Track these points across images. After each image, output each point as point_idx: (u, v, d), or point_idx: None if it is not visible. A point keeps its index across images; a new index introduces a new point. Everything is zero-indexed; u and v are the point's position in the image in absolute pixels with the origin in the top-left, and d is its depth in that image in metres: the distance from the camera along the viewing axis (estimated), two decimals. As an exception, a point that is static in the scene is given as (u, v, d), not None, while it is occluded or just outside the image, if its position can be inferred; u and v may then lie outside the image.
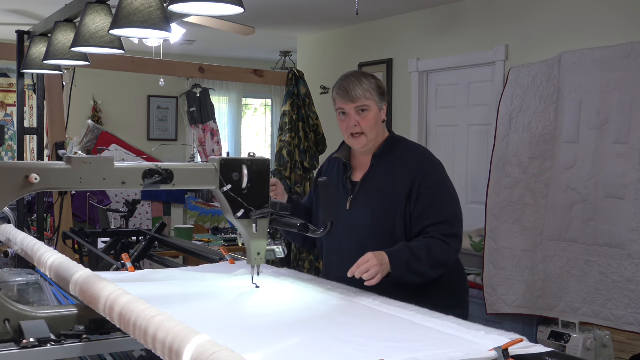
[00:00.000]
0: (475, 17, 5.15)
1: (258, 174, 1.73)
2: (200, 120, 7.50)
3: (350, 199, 2.22)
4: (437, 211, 2.13)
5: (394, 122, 5.81)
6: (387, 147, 2.24)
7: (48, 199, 3.72)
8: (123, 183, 1.60)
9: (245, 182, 1.71)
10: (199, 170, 1.72)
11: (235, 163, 1.70)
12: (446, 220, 2.13)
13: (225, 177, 1.69)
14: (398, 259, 2.00)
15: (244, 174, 1.70)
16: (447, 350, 1.34)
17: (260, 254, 1.80)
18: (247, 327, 1.53)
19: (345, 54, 6.36)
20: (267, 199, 1.76)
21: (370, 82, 2.21)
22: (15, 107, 4.89)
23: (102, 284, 1.38)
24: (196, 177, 1.71)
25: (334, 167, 2.34)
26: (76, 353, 1.38)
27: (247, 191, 1.72)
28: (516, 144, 3.83)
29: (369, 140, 2.21)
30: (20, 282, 2.16)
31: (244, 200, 1.71)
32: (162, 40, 5.03)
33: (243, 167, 1.70)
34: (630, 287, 3.35)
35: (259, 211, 1.73)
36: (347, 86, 2.20)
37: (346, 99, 2.19)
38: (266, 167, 1.76)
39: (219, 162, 1.68)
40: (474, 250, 4.09)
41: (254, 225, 1.74)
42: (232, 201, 1.70)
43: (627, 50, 3.44)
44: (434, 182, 2.17)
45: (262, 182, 1.75)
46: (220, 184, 1.68)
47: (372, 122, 2.19)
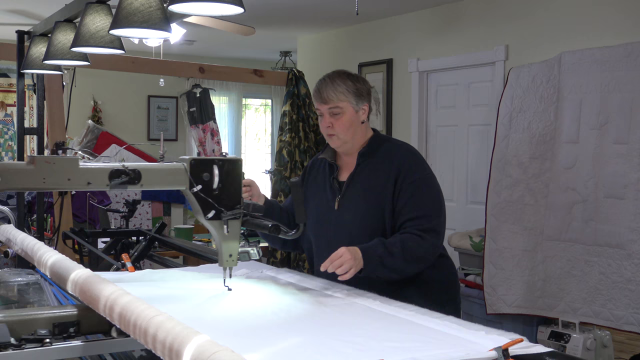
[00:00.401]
0: (475, 17, 5.15)
1: (230, 174, 1.69)
2: (200, 120, 7.50)
3: (337, 199, 2.21)
4: (416, 206, 2.12)
5: (394, 122, 5.82)
6: (371, 145, 2.23)
7: (48, 199, 3.72)
8: (88, 184, 1.56)
9: (216, 182, 1.67)
10: (168, 170, 1.67)
11: (206, 163, 1.67)
12: (424, 215, 2.11)
13: (196, 177, 1.65)
14: (371, 254, 1.99)
15: (215, 174, 1.67)
16: (447, 350, 1.34)
17: (232, 256, 1.75)
18: (247, 328, 1.53)
19: (345, 54, 6.36)
20: (239, 200, 1.73)
21: (346, 83, 2.18)
22: (15, 107, 4.89)
23: (102, 284, 1.38)
24: (165, 177, 1.66)
25: (319, 168, 2.33)
26: (76, 353, 1.38)
27: (218, 192, 1.68)
28: (516, 144, 3.83)
29: (343, 141, 2.19)
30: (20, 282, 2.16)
31: (215, 201, 1.68)
32: (162, 40, 5.03)
33: (214, 167, 1.67)
34: (630, 287, 3.35)
35: (230, 212, 1.69)
36: (320, 87, 2.19)
37: (319, 100, 2.19)
38: (238, 167, 1.72)
39: (189, 162, 1.64)
40: (474, 250, 4.09)
41: (225, 226, 1.70)
42: (202, 202, 1.67)
43: (627, 50, 3.44)
44: (416, 177, 2.15)
45: (234, 182, 1.71)
46: (190, 185, 1.64)
47: (346, 125, 2.17)
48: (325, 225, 2.24)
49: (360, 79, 2.25)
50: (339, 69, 2.30)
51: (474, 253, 4.08)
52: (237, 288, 1.94)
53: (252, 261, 2.56)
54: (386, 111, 5.85)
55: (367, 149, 2.22)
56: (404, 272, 2.07)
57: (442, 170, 5.40)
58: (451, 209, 5.21)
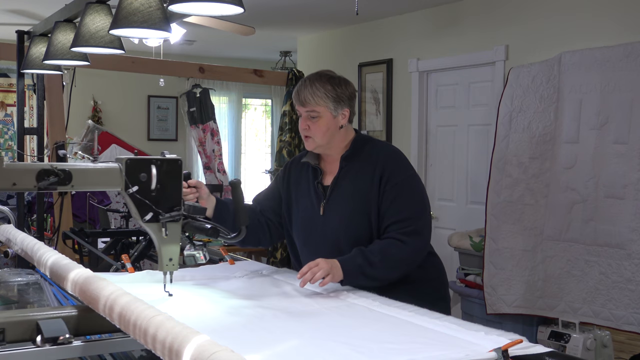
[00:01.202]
0: (475, 17, 5.14)
1: (169, 174, 1.61)
2: (200, 120, 7.50)
3: (323, 204, 2.18)
4: (399, 208, 2.10)
5: (394, 122, 5.82)
6: (354, 148, 2.20)
7: (48, 199, 3.72)
8: (14, 184, 1.50)
9: (154, 183, 1.59)
10: (102, 171, 1.60)
11: (143, 163, 1.59)
12: (407, 217, 2.09)
13: (132, 177, 1.57)
14: (350, 265, 1.99)
15: (153, 174, 1.59)
16: (446, 352, 1.34)
17: (172, 260, 1.66)
18: (246, 328, 1.53)
19: (345, 54, 6.36)
20: (179, 202, 1.64)
21: (325, 87, 2.14)
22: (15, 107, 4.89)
23: (102, 283, 1.38)
24: (99, 178, 1.60)
25: (301, 170, 2.29)
26: (76, 353, 1.38)
27: (155, 193, 1.60)
28: (516, 144, 3.83)
29: (317, 144, 2.17)
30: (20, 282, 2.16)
31: (153, 203, 1.59)
32: (162, 40, 5.03)
33: (152, 167, 1.59)
34: (630, 287, 3.35)
35: (168, 214, 1.61)
36: (298, 89, 2.17)
37: (297, 102, 2.17)
38: (178, 168, 1.63)
39: (125, 162, 1.57)
40: (474, 250, 4.09)
41: (164, 229, 1.62)
42: (139, 203, 1.59)
43: (627, 50, 3.43)
44: (399, 179, 2.13)
45: (173, 183, 1.62)
46: (126, 186, 1.57)
47: (322, 129, 2.14)
48: (311, 230, 2.22)
49: (342, 83, 2.19)
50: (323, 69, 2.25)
51: (474, 253, 4.08)
52: (237, 288, 1.94)
53: (251, 261, 2.57)
54: (386, 111, 5.85)
55: (350, 152, 2.19)
56: (387, 280, 2.06)
57: (442, 170, 5.40)
58: (451, 209, 5.22)
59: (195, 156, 8.04)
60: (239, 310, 1.68)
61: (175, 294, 1.81)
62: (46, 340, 1.34)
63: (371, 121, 5.92)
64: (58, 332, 1.35)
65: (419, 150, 5.52)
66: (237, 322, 1.58)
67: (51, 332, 1.35)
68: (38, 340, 1.34)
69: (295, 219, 2.27)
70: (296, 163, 2.34)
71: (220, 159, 7.54)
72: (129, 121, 8.00)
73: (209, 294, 1.86)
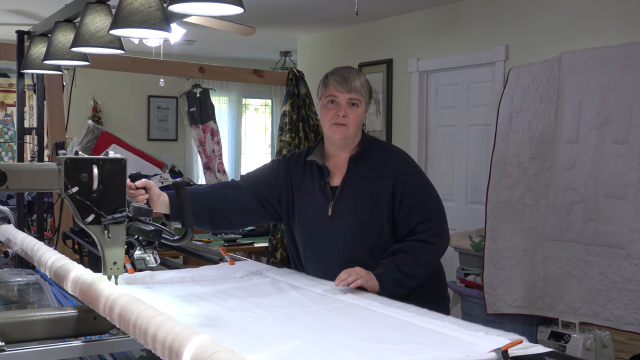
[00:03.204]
0: (475, 17, 5.15)
1: (111, 175, 1.55)
2: (200, 120, 7.50)
3: (331, 205, 2.16)
4: (423, 209, 2.15)
5: (394, 122, 5.81)
6: (363, 148, 2.20)
7: (48, 199, 3.72)
8: None
9: (95, 183, 1.53)
10: (39, 171, 1.54)
11: (84, 163, 1.53)
12: (432, 217, 2.15)
13: (72, 178, 1.51)
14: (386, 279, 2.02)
15: (94, 174, 1.53)
16: (446, 352, 1.34)
17: (117, 264, 1.58)
18: (247, 329, 1.53)
19: (345, 54, 6.36)
20: (123, 203, 1.59)
21: (365, 80, 2.21)
22: (15, 107, 4.89)
23: (102, 284, 1.38)
24: (35, 178, 1.54)
25: (305, 170, 2.25)
26: (76, 353, 1.38)
27: (97, 194, 1.54)
28: (516, 144, 3.83)
29: (350, 134, 2.16)
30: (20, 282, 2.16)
31: (94, 204, 1.54)
32: (162, 40, 5.02)
33: (93, 167, 1.53)
34: (630, 287, 3.35)
35: (110, 216, 1.55)
36: (347, 76, 2.16)
37: (344, 87, 2.14)
38: (121, 167, 1.58)
39: (64, 162, 1.51)
40: (474, 250, 4.09)
41: (106, 231, 1.56)
42: (79, 205, 1.52)
43: (627, 50, 3.43)
44: (416, 181, 2.17)
45: (117, 184, 1.56)
46: (65, 186, 1.51)
47: (358, 119, 2.16)
48: (318, 230, 2.20)
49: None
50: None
51: (474, 253, 4.08)
52: (237, 289, 1.94)
53: (251, 262, 2.57)
54: (386, 111, 5.85)
55: (358, 152, 2.19)
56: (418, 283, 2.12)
57: (442, 170, 5.40)
58: (451, 209, 5.21)
59: (195, 156, 8.04)
60: (238, 311, 1.68)
61: (175, 295, 1.81)
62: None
63: (371, 121, 5.92)
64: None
65: (419, 150, 5.52)
66: (237, 322, 1.58)
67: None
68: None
69: (300, 218, 2.23)
70: (295, 160, 2.29)
71: (220, 159, 7.54)
72: (129, 121, 8.00)
73: (208, 294, 1.86)
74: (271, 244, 4.56)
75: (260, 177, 2.33)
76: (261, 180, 2.31)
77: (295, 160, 2.29)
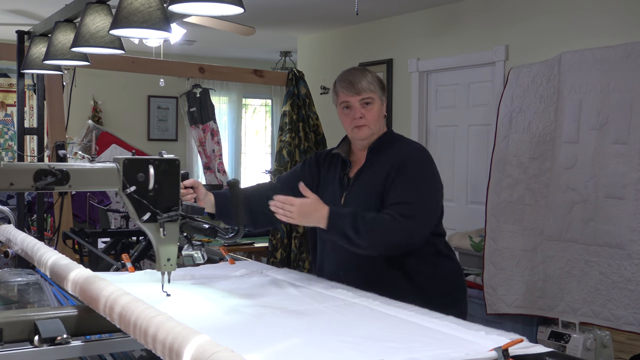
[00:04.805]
0: (475, 17, 5.15)
1: (166, 174, 1.61)
2: (200, 121, 7.50)
3: (344, 195, 2.21)
4: (401, 192, 2.10)
5: (394, 122, 5.81)
6: (381, 141, 2.23)
7: (48, 199, 3.72)
8: (11, 184, 1.50)
9: (151, 183, 1.58)
10: (99, 171, 1.59)
11: (140, 163, 1.58)
12: (406, 201, 2.09)
13: (130, 177, 1.56)
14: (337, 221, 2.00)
15: (151, 174, 1.58)
16: (447, 351, 1.34)
17: (170, 260, 1.65)
18: (247, 328, 1.53)
19: (345, 54, 6.36)
20: (177, 202, 1.64)
21: (373, 75, 2.23)
22: (15, 107, 4.89)
23: (102, 283, 1.38)
24: (96, 178, 1.59)
25: (332, 163, 2.33)
26: (76, 353, 1.38)
27: (153, 193, 1.59)
28: (516, 144, 3.83)
29: (372, 132, 2.21)
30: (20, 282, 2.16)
31: (150, 203, 1.59)
32: (162, 40, 5.03)
33: (149, 167, 1.58)
34: (630, 287, 3.35)
35: (166, 214, 1.61)
36: (352, 79, 2.19)
37: (352, 91, 2.18)
38: (175, 167, 1.63)
39: (122, 162, 1.56)
40: (474, 250, 4.09)
41: (162, 229, 1.61)
42: (136, 203, 1.58)
43: (627, 50, 3.43)
44: (409, 168, 2.15)
45: (171, 183, 1.62)
46: (124, 186, 1.56)
47: (376, 115, 2.21)
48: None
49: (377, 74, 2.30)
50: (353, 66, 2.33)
51: (474, 253, 4.08)
52: (237, 288, 1.94)
53: (252, 261, 2.57)
54: (386, 111, 5.85)
55: (377, 144, 2.23)
56: (365, 250, 2.06)
57: (442, 170, 5.35)
58: (451, 209, 5.21)
59: (195, 156, 8.04)
60: (238, 310, 1.68)
61: (175, 294, 1.81)
62: (44, 340, 1.34)
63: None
64: (56, 332, 1.35)
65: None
66: (237, 321, 1.58)
67: (49, 332, 1.35)
68: (36, 340, 1.34)
69: None
70: (324, 156, 2.37)
71: (220, 159, 7.54)
72: (129, 121, 8.00)
73: (208, 293, 1.86)
74: (271, 244, 4.56)
75: (295, 175, 2.39)
76: (296, 177, 2.36)
77: (324, 155, 2.38)
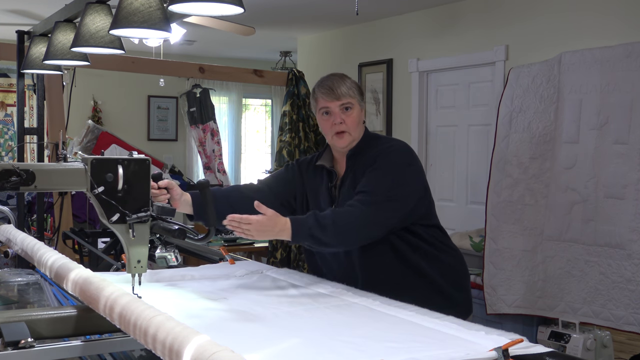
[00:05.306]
0: (475, 17, 5.15)
1: (136, 174, 1.58)
2: (200, 121, 7.50)
3: (334, 206, 2.19)
4: (366, 182, 2.09)
5: (394, 122, 5.81)
6: (361, 144, 2.21)
7: (48, 199, 3.72)
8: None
9: (120, 183, 1.56)
10: (66, 171, 1.57)
11: (109, 163, 1.56)
12: (369, 190, 2.07)
13: (98, 178, 1.54)
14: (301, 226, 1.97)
15: (119, 174, 1.55)
16: (447, 351, 1.34)
17: (140, 262, 1.61)
18: (247, 328, 1.53)
19: (345, 54, 6.36)
20: (147, 202, 1.61)
21: (352, 81, 2.22)
22: (15, 107, 4.89)
23: (102, 284, 1.38)
24: (63, 178, 1.57)
25: (316, 175, 2.29)
26: (76, 353, 1.38)
27: (122, 193, 1.57)
28: (516, 144, 3.83)
29: (352, 139, 2.19)
30: (20, 282, 2.16)
31: (119, 204, 1.57)
32: (162, 40, 5.02)
33: (118, 167, 1.56)
34: (630, 287, 3.35)
35: (135, 215, 1.58)
36: (331, 84, 2.19)
37: (331, 97, 2.17)
38: (146, 167, 1.60)
39: (90, 162, 1.54)
40: (474, 250, 4.09)
41: (131, 230, 1.59)
42: (105, 204, 1.56)
43: (627, 50, 3.43)
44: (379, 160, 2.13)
45: (141, 183, 1.59)
46: (92, 186, 1.54)
47: (355, 120, 2.19)
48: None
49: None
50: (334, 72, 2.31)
51: (474, 253, 4.08)
52: (237, 288, 1.94)
53: (251, 261, 2.57)
54: (386, 111, 5.85)
55: (355, 149, 2.21)
56: (336, 246, 2.06)
57: (442, 170, 5.40)
58: (451, 209, 5.22)
59: (195, 156, 8.04)
60: (238, 310, 1.68)
61: (175, 294, 1.81)
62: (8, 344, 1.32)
63: (371, 121, 5.92)
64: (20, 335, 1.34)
65: (419, 151, 5.52)
66: (237, 321, 1.58)
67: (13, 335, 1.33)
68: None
69: None
70: (306, 165, 2.33)
71: (220, 159, 7.54)
72: (129, 121, 8.00)
73: (208, 293, 1.86)
74: (271, 244, 4.56)
75: (278, 178, 2.38)
76: (279, 181, 2.36)
77: (306, 164, 2.35)
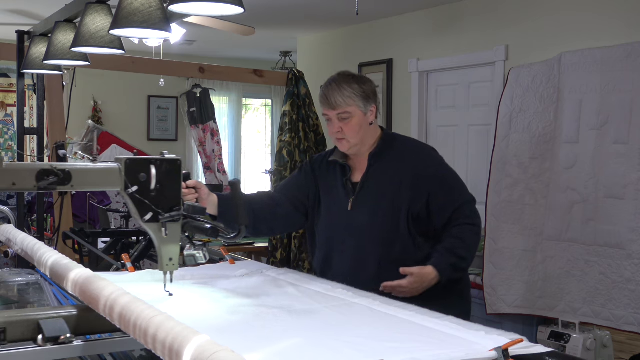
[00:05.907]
0: (475, 17, 5.15)
1: (168, 174, 1.60)
2: (200, 121, 7.50)
3: (351, 200, 2.22)
4: (455, 197, 2.22)
5: (394, 122, 5.82)
6: (382, 145, 2.25)
7: (48, 199, 3.72)
8: (13, 184, 1.49)
9: (153, 183, 1.58)
10: (101, 171, 1.59)
11: (142, 163, 1.58)
12: (465, 201, 2.23)
13: (131, 177, 1.56)
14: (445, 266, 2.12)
15: (152, 174, 1.58)
16: (447, 351, 1.34)
17: (172, 260, 1.66)
18: (247, 328, 1.53)
19: (345, 54, 6.36)
20: (179, 202, 1.64)
21: (352, 87, 2.20)
22: (15, 107, 4.89)
23: (102, 283, 1.38)
24: (98, 178, 1.59)
25: (329, 170, 2.33)
26: (76, 353, 1.38)
27: (155, 193, 1.59)
28: (516, 144, 3.83)
29: (352, 144, 2.22)
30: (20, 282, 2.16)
31: (152, 203, 1.59)
32: (162, 40, 5.02)
33: (151, 167, 1.58)
34: (630, 287, 3.35)
35: (168, 214, 1.61)
36: (327, 93, 2.20)
37: (327, 106, 2.20)
38: (177, 167, 1.63)
39: (124, 162, 1.56)
40: (474, 250, 4.09)
41: (164, 229, 1.61)
42: (138, 203, 1.58)
43: (627, 50, 3.43)
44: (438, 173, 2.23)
45: (173, 183, 1.62)
46: (126, 186, 1.56)
47: (355, 129, 2.20)
48: (337, 225, 2.26)
49: (365, 80, 2.28)
50: (342, 70, 2.32)
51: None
52: (237, 288, 1.94)
53: (252, 261, 2.58)
54: (386, 111, 5.85)
55: (378, 149, 2.24)
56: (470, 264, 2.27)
57: (442, 170, 5.39)
58: (451, 209, 5.22)
59: (196, 156, 8.04)
60: (239, 310, 1.68)
61: (175, 294, 1.81)
62: (47, 339, 1.34)
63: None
64: (59, 331, 1.36)
65: (419, 150, 5.52)
66: (237, 321, 1.58)
67: (52, 331, 1.35)
68: (39, 339, 1.34)
69: (323, 215, 2.31)
70: (319, 162, 2.37)
71: (220, 159, 7.54)
72: (129, 121, 8.00)
73: (209, 293, 1.87)
74: (271, 244, 4.56)
75: (291, 183, 2.42)
76: (292, 185, 2.40)
77: (319, 161, 2.38)
